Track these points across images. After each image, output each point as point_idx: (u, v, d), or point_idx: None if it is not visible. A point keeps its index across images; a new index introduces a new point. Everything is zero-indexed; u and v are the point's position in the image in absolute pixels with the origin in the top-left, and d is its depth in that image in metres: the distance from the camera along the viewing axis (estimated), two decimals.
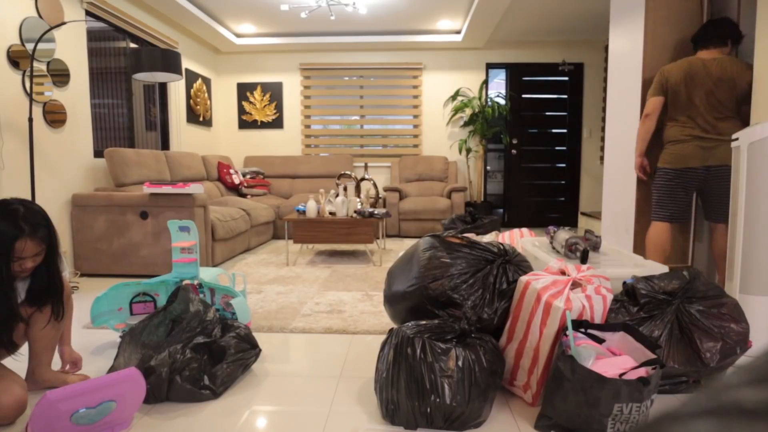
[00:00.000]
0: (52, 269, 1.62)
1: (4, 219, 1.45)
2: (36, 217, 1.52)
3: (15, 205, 1.49)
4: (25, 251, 1.49)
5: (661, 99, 2.69)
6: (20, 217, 1.47)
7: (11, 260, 1.47)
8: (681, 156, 2.64)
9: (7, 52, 3.04)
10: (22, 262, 1.50)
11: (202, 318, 1.76)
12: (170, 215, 3.47)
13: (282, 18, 5.36)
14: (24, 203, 1.52)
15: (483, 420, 1.47)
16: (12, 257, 1.47)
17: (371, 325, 2.41)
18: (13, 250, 1.46)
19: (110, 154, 3.74)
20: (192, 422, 1.51)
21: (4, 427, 1.47)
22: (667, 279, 1.69)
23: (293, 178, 6.22)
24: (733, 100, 2.52)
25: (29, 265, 1.53)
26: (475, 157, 6.32)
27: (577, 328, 1.50)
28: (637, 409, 1.28)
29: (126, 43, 4.44)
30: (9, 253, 1.45)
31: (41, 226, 1.52)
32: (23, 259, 1.50)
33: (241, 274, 2.58)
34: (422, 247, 1.84)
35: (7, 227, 1.45)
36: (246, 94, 6.45)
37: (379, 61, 6.32)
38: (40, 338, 1.66)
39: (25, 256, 1.49)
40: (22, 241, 1.47)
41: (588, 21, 5.43)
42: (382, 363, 1.52)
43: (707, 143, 2.58)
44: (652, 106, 2.71)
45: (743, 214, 2.02)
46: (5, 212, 1.47)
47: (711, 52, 2.62)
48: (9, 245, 1.45)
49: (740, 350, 1.57)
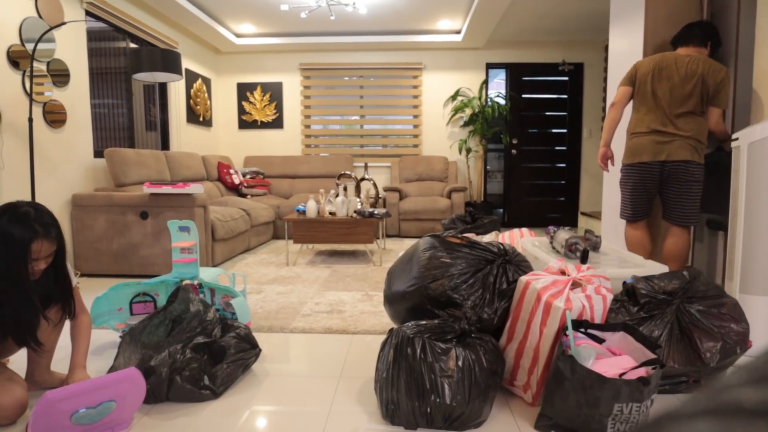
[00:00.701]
0: (59, 271, 1.63)
1: (18, 222, 1.47)
2: (46, 218, 1.54)
3: (25, 208, 1.51)
4: (41, 252, 1.51)
5: (628, 89, 2.65)
6: (32, 219, 1.50)
7: (28, 262, 1.49)
8: (634, 150, 2.60)
9: (7, 52, 3.04)
10: (36, 264, 1.52)
11: (202, 318, 1.76)
12: (170, 215, 3.47)
13: (282, 18, 5.36)
14: (33, 205, 1.54)
15: (483, 420, 1.47)
16: (29, 259, 1.49)
17: (371, 325, 2.41)
18: (29, 252, 1.48)
19: (110, 154, 3.74)
20: (192, 422, 1.51)
21: (4, 427, 1.47)
22: (667, 279, 1.69)
23: (293, 178, 6.22)
24: (697, 97, 2.47)
25: (42, 266, 1.55)
26: (475, 157, 6.32)
27: (577, 328, 1.50)
28: (637, 409, 1.28)
29: (126, 43, 4.44)
30: (26, 255, 1.48)
31: (52, 226, 1.54)
32: (38, 260, 1.52)
33: (241, 274, 2.58)
34: (422, 247, 1.84)
35: (23, 230, 1.47)
36: (246, 94, 6.45)
37: (379, 61, 6.32)
38: (43, 343, 1.64)
39: (40, 257, 1.52)
40: (38, 242, 1.49)
41: (588, 21, 5.43)
42: (382, 363, 1.52)
43: (663, 137, 2.52)
44: (618, 96, 2.67)
45: (743, 214, 2.02)
46: (17, 215, 1.48)
47: (689, 49, 2.58)
48: (26, 247, 1.47)
49: (740, 350, 1.57)
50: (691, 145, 2.48)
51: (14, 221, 1.47)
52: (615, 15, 3.40)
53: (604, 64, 6.20)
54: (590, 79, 6.27)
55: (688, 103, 2.48)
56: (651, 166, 2.54)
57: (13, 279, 1.46)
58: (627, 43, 3.22)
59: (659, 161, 2.52)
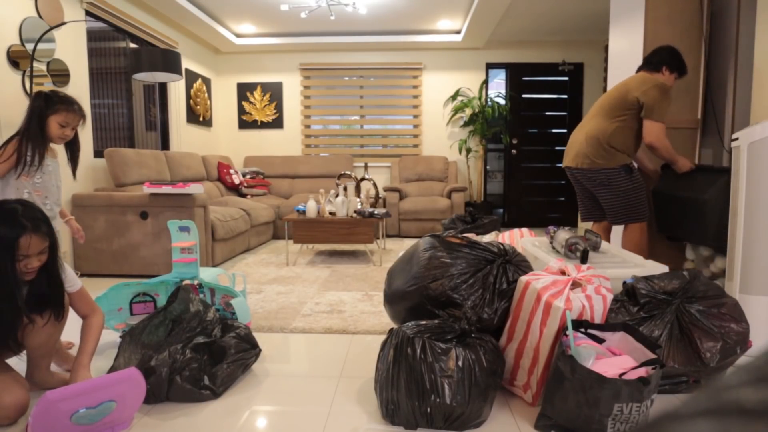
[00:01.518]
0: (51, 273, 1.58)
1: (4, 218, 1.44)
2: (35, 213, 1.50)
3: (12, 205, 1.48)
4: (30, 248, 1.46)
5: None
6: (20, 215, 1.46)
7: (16, 259, 1.45)
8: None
9: (7, 52, 3.04)
10: (28, 261, 1.48)
11: (202, 318, 1.76)
12: (170, 215, 3.47)
13: (282, 18, 5.36)
14: (21, 202, 1.51)
15: (483, 420, 1.47)
16: (17, 256, 1.45)
17: (371, 325, 2.41)
18: (18, 248, 1.44)
19: (110, 154, 3.74)
20: (192, 422, 1.51)
21: (4, 427, 1.47)
22: (667, 279, 1.69)
23: (293, 178, 6.22)
24: (615, 106, 2.62)
25: (35, 264, 1.50)
26: (475, 157, 6.32)
27: (577, 328, 1.50)
28: (637, 409, 1.28)
29: (126, 43, 4.44)
30: (14, 251, 1.43)
31: (42, 222, 1.50)
32: (29, 257, 1.47)
33: (241, 274, 2.58)
34: (422, 247, 1.84)
35: (10, 225, 1.43)
36: (246, 94, 6.45)
37: (379, 61, 6.32)
38: (38, 347, 1.61)
39: (30, 253, 1.47)
40: (26, 237, 1.45)
41: (588, 21, 5.42)
42: (382, 363, 1.52)
43: (570, 142, 2.81)
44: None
45: (743, 214, 2.02)
46: (4, 211, 1.45)
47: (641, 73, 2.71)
48: (13, 243, 1.43)
49: (740, 350, 1.57)
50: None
51: (1, 217, 1.43)
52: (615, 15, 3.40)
53: (604, 64, 6.19)
54: (590, 79, 6.27)
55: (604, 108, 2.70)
56: (569, 169, 2.86)
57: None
58: (627, 43, 3.22)
59: (566, 166, 2.84)
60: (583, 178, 2.75)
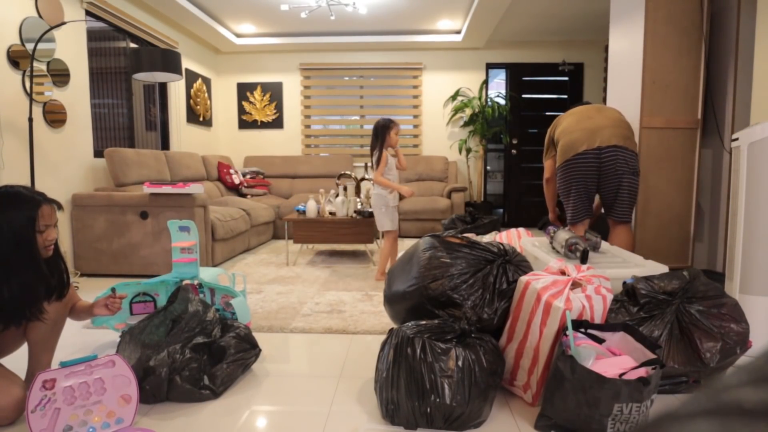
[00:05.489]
0: (54, 258, 1.62)
1: (16, 197, 1.49)
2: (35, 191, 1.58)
3: (12, 188, 1.53)
4: (51, 216, 1.54)
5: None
6: (28, 191, 1.53)
7: (38, 230, 1.51)
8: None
9: (7, 52, 3.04)
10: (49, 232, 1.54)
11: (202, 318, 1.76)
12: (170, 215, 3.47)
13: (282, 18, 5.36)
14: (22, 186, 1.57)
15: (483, 420, 1.47)
16: (39, 227, 1.51)
17: (371, 325, 2.41)
18: (39, 218, 1.50)
19: (110, 154, 3.74)
20: (192, 422, 1.51)
21: (4, 427, 1.47)
22: (667, 279, 1.69)
23: (293, 178, 6.22)
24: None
25: (54, 235, 1.56)
26: (475, 157, 6.32)
27: (577, 328, 1.50)
28: (637, 409, 1.28)
29: (126, 43, 4.44)
30: (35, 221, 1.49)
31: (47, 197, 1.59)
32: (49, 226, 1.54)
33: (241, 274, 2.58)
34: (422, 247, 1.84)
35: (26, 200, 1.50)
36: (246, 94, 6.45)
37: (379, 61, 6.32)
38: (40, 341, 1.63)
39: (51, 222, 1.54)
40: (46, 206, 1.52)
41: (588, 21, 5.42)
42: (382, 363, 1.52)
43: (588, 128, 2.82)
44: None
45: (743, 214, 2.02)
46: (12, 192, 1.50)
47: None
48: (34, 213, 1.49)
49: (740, 350, 1.57)
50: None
51: (14, 196, 1.49)
52: (615, 15, 3.40)
53: (604, 64, 6.19)
54: (590, 79, 6.27)
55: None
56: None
57: (24, 245, 1.47)
58: (627, 43, 3.22)
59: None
60: (621, 160, 2.49)
